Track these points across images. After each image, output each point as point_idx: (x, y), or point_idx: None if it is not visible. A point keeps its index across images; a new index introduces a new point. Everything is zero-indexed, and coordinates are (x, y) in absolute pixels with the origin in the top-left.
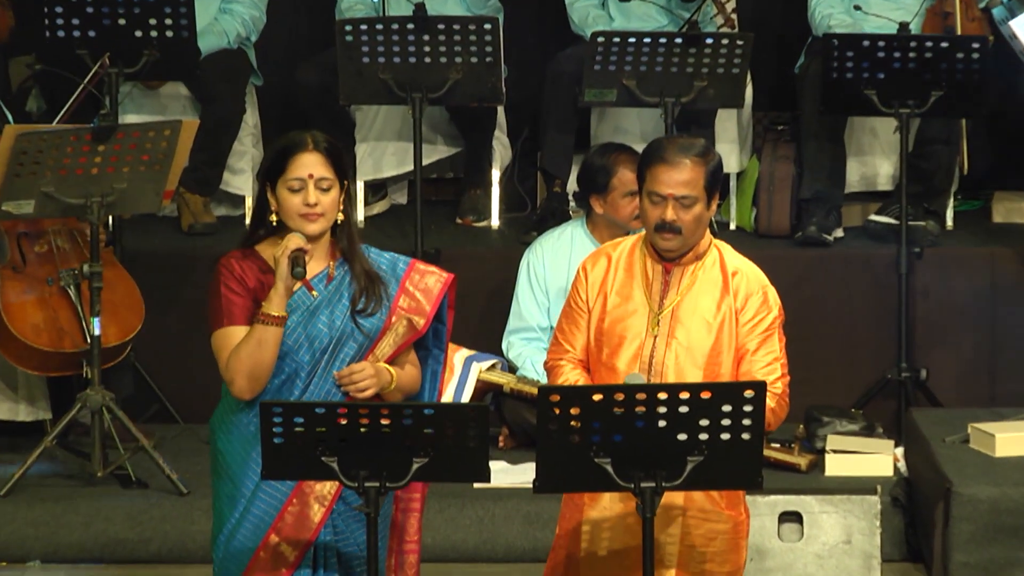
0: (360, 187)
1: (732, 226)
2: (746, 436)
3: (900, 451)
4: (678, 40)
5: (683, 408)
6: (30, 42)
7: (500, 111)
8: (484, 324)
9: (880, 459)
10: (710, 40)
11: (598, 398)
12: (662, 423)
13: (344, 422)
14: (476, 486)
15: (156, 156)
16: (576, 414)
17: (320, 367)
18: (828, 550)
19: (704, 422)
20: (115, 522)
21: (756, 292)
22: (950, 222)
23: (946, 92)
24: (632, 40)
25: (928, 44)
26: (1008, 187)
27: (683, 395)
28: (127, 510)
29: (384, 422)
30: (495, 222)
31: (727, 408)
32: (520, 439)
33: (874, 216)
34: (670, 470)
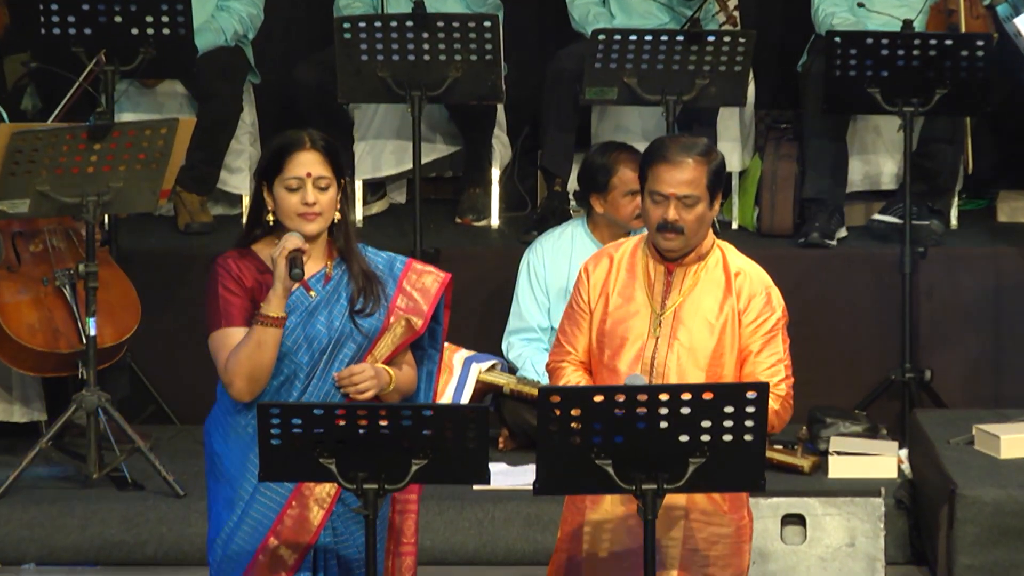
0: (358, 186)
1: (734, 225)
2: (748, 437)
3: (904, 453)
4: (680, 38)
5: (685, 409)
6: (25, 40)
7: (500, 109)
8: (484, 324)
9: (884, 461)
10: (712, 38)
11: (599, 399)
12: (664, 424)
13: (342, 423)
14: (475, 488)
15: (152, 155)
16: (577, 415)
17: (319, 368)
18: (831, 553)
19: (706, 423)
20: (111, 524)
21: (759, 293)
22: (954, 221)
23: (950, 90)
24: (633, 38)
25: (932, 42)
26: (1013, 186)
27: (685, 396)
28: (123, 512)
29: (383, 423)
30: (495, 221)
31: (729, 409)
32: (520, 440)
33: (878, 215)
34: (672, 472)
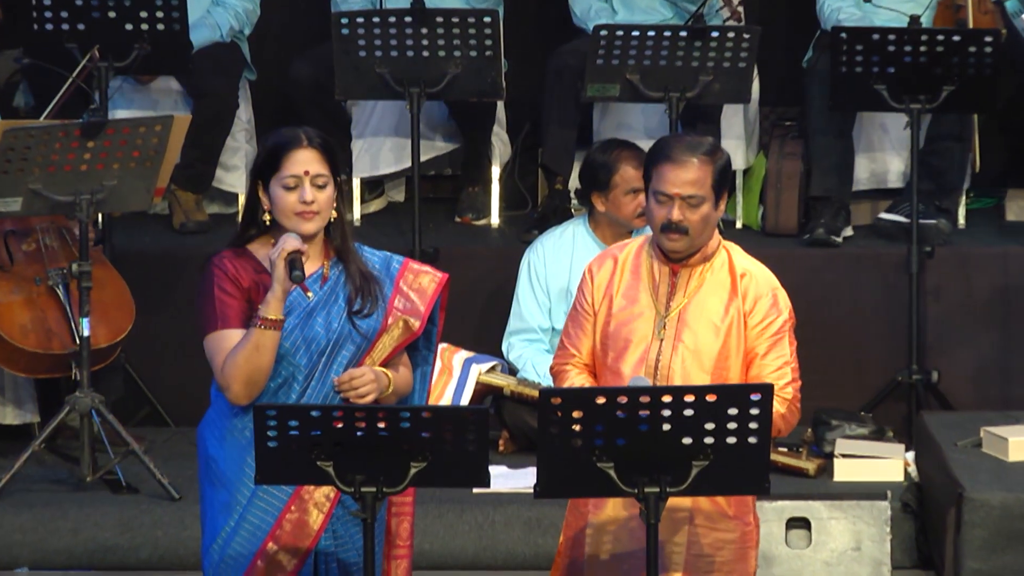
0: (356, 184)
1: (738, 224)
2: (753, 440)
3: (911, 455)
4: (683, 34)
5: (688, 411)
6: (17, 35)
7: (500, 106)
8: (484, 325)
9: (890, 464)
10: (716, 34)
11: (601, 401)
12: (666, 426)
13: (340, 425)
14: (475, 491)
15: (147, 152)
16: (578, 417)
17: (318, 370)
18: (837, 557)
19: (709, 425)
20: (105, 528)
21: (765, 294)
22: (962, 220)
23: (958, 87)
24: (636, 34)
25: (939, 38)
26: (1022, 184)
27: (688, 398)
28: (117, 516)
29: (381, 425)
30: (495, 220)
31: (733, 411)
32: (521, 443)
33: (884, 214)
34: (675, 475)
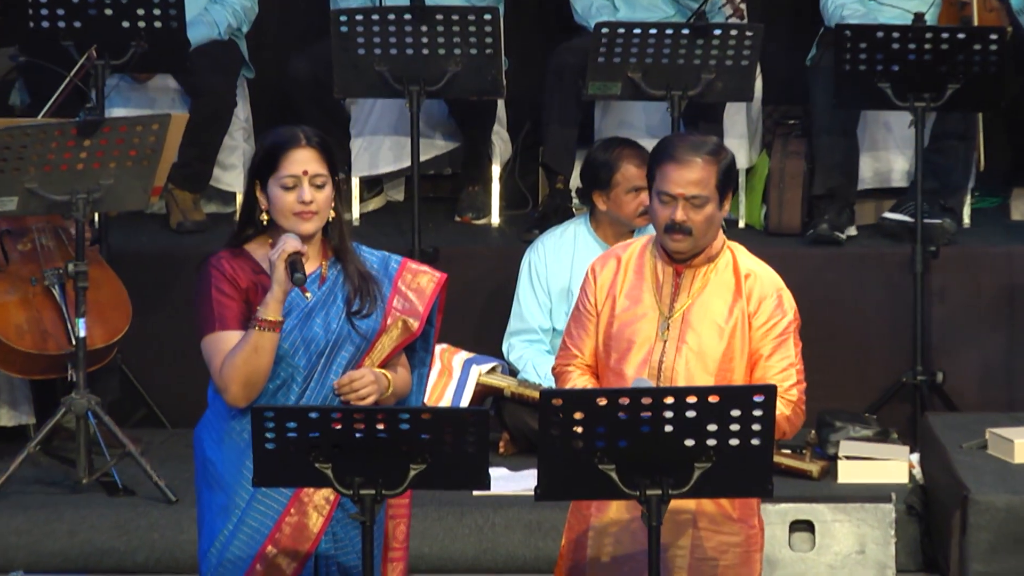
0: (355, 183)
1: (741, 224)
2: (756, 442)
3: (915, 457)
4: (685, 31)
5: (690, 413)
6: (13, 33)
7: (500, 105)
8: (484, 326)
9: (895, 466)
10: (718, 31)
11: (602, 402)
12: (668, 428)
13: (339, 427)
14: (475, 494)
15: (144, 151)
16: (579, 419)
17: (317, 371)
18: (841, 560)
19: (712, 427)
20: (101, 531)
21: (770, 295)
22: (967, 220)
23: (963, 85)
24: (637, 31)
25: (944, 35)
26: None
27: (690, 399)
28: (113, 518)
29: (380, 427)
30: (495, 220)
31: (736, 413)
32: (521, 445)
33: (888, 213)
34: (677, 477)
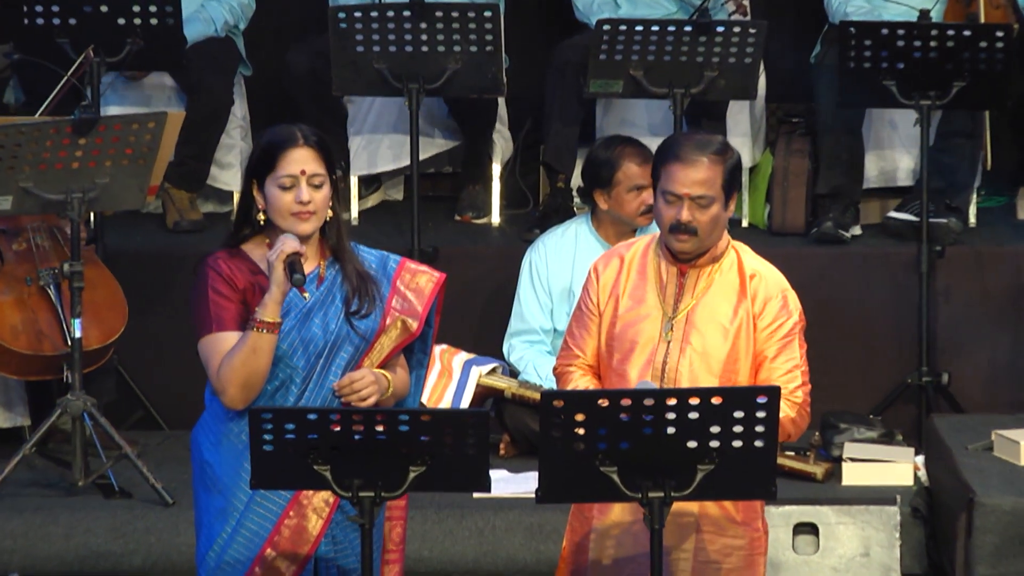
0: (354, 182)
1: (744, 223)
2: (759, 444)
3: (920, 459)
4: (688, 28)
5: (693, 414)
6: (7, 30)
7: (501, 103)
8: (484, 326)
9: (900, 468)
10: (721, 28)
11: (604, 404)
12: (671, 430)
13: (337, 429)
14: (476, 496)
15: (140, 150)
16: (581, 420)
17: (315, 372)
18: (845, 563)
19: (715, 429)
20: (97, 533)
21: (775, 296)
22: (973, 219)
23: (969, 83)
24: (639, 28)
25: (950, 32)
26: None
27: (693, 400)
28: (110, 521)
29: (379, 429)
30: (495, 219)
31: (739, 414)
32: (522, 446)
33: (893, 213)
34: (679, 479)
